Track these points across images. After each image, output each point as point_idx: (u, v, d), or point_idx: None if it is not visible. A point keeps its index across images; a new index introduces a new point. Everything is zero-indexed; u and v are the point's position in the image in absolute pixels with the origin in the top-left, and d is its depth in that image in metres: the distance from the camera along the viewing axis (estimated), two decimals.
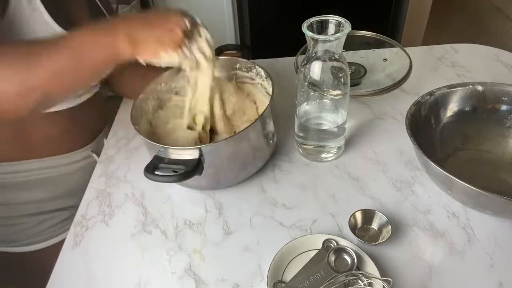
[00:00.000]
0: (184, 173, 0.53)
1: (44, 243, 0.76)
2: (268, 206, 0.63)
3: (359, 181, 0.66)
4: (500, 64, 0.91)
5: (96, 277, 0.56)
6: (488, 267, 0.53)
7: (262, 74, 0.69)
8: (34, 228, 0.75)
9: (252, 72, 0.71)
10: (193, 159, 0.54)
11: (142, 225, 0.62)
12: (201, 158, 0.55)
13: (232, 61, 0.72)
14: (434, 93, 0.66)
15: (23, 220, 0.74)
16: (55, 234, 0.77)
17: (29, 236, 0.75)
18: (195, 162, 0.54)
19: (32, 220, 0.74)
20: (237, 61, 0.71)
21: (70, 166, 0.76)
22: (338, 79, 0.61)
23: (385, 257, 0.54)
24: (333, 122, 0.66)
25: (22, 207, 0.73)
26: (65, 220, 0.77)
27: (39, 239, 0.75)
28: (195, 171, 0.54)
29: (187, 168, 0.54)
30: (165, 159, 0.55)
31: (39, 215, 0.75)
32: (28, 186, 0.72)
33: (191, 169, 0.53)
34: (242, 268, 0.55)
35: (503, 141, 0.67)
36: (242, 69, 0.72)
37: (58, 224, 0.77)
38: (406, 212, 0.60)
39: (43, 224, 0.75)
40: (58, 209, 0.77)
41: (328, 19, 0.58)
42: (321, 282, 0.49)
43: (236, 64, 0.72)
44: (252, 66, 0.70)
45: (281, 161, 0.70)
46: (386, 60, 0.90)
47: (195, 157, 0.54)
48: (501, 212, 0.55)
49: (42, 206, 0.75)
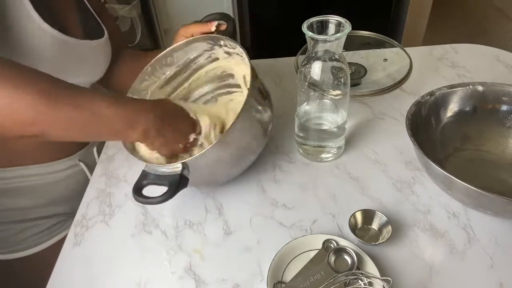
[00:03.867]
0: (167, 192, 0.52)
1: (27, 251, 0.74)
2: (268, 206, 0.63)
3: (359, 181, 0.66)
4: (500, 64, 0.91)
5: (96, 277, 0.56)
6: (488, 267, 0.53)
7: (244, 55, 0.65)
8: (18, 236, 0.73)
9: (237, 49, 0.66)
10: (175, 174, 0.54)
11: (142, 225, 0.62)
12: (184, 172, 0.54)
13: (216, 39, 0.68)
14: (435, 93, 0.66)
15: (7, 227, 0.72)
16: (39, 242, 0.75)
17: (13, 243, 0.73)
18: (177, 177, 0.53)
19: (15, 228, 0.73)
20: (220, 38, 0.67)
21: (56, 174, 0.74)
22: (338, 79, 0.61)
23: (385, 257, 0.54)
24: (333, 122, 0.66)
25: (6, 214, 0.72)
26: (49, 228, 0.76)
27: (22, 247, 0.74)
28: (179, 187, 0.53)
29: (170, 183, 0.53)
30: (150, 175, 0.55)
31: (22, 223, 0.73)
32: (11, 193, 0.71)
33: (175, 185, 0.53)
34: (242, 268, 0.55)
35: (503, 141, 0.67)
36: (228, 46, 0.68)
37: (43, 232, 0.75)
38: (406, 212, 0.60)
39: (26, 232, 0.74)
40: (42, 217, 0.75)
41: (328, 19, 0.58)
42: (321, 282, 0.49)
43: (220, 41, 0.68)
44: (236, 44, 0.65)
45: (281, 161, 0.70)
46: (386, 60, 0.90)
47: (177, 171, 0.54)
48: (501, 212, 0.55)
49: (26, 214, 0.73)
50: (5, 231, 0.73)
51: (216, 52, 0.71)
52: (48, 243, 0.76)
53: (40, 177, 0.72)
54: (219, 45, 0.69)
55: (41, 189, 0.73)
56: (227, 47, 0.68)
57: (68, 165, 0.76)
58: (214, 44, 0.69)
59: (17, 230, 0.73)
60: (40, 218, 0.75)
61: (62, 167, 0.75)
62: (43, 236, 0.76)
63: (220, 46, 0.69)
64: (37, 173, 0.71)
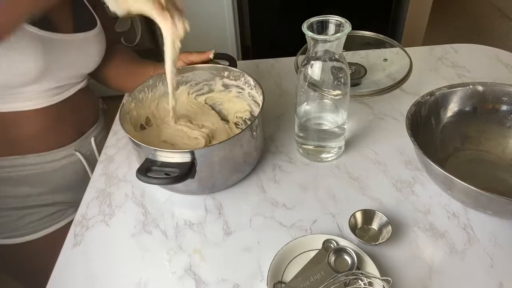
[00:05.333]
0: (177, 176, 0.53)
1: (25, 237, 0.76)
2: (268, 206, 0.63)
3: (359, 181, 0.66)
4: (500, 64, 0.91)
5: (96, 277, 0.56)
6: (488, 267, 0.53)
7: (251, 83, 0.69)
8: (16, 222, 0.75)
9: (240, 80, 0.71)
10: (186, 163, 0.54)
11: (142, 225, 0.62)
12: (194, 162, 0.55)
13: (220, 69, 0.72)
14: (435, 93, 0.66)
15: (6, 213, 0.74)
16: (38, 229, 0.77)
17: (11, 229, 0.75)
18: (188, 165, 0.54)
19: (15, 214, 0.75)
20: (226, 69, 0.71)
21: (53, 163, 0.75)
22: (338, 79, 0.61)
23: (385, 257, 0.54)
24: (333, 122, 0.66)
25: (5, 200, 0.74)
26: (48, 215, 0.78)
27: (21, 233, 0.75)
28: (188, 174, 0.54)
29: (180, 171, 0.54)
30: (157, 162, 0.55)
31: (23, 209, 0.75)
32: (11, 182, 0.73)
33: (185, 172, 0.53)
34: (242, 268, 0.55)
35: (503, 141, 0.67)
36: (230, 78, 0.71)
37: (41, 219, 0.77)
38: (406, 212, 0.60)
39: (26, 218, 0.75)
40: (41, 205, 0.77)
41: (328, 19, 0.58)
42: (321, 282, 0.49)
43: (224, 72, 0.72)
44: (241, 74, 0.70)
45: (281, 161, 0.70)
46: (386, 60, 0.90)
47: (188, 161, 0.55)
48: (501, 212, 0.55)
49: (26, 201, 0.75)
50: (5, 217, 0.74)
51: (214, 83, 0.74)
52: (47, 230, 0.78)
53: (38, 166, 0.74)
54: (220, 76, 0.71)
55: (40, 178, 0.75)
56: (228, 79, 0.71)
57: (64, 155, 0.77)
58: (215, 75, 0.72)
59: (17, 216, 0.75)
60: (39, 206, 0.77)
61: (58, 157, 0.76)
62: (43, 224, 0.77)
63: (221, 78, 0.72)
64: (35, 162, 0.73)
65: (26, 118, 0.69)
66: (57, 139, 0.75)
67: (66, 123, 0.76)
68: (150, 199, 0.66)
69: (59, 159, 0.76)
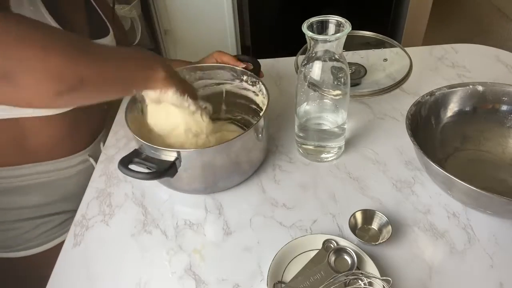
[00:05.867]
0: (155, 173, 0.54)
1: (39, 247, 0.75)
2: (268, 206, 0.63)
3: (359, 181, 0.66)
4: (500, 64, 0.91)
5: (96, 277, 0.56)
6: (488, 267, 0.53)
7: (264, 92, 0.69)
8: (30, 233, 0.74)
9: (256, 86, 0.71)
10: (168, 161, 0.55)
11: (142, 225, 0.62)
12: (176, 162, 0.55)
13: (239, 72, 0.72)
14: (435, 93, 0.66)
15: (19, 224, 0.73)
16: (51, 238, 0.76)
17: (25, 241, 0.74)
18: (168, 164, 0.54)
19: (28, 225, 0.74)
20: (245, 73, 0.72)
21: (67, 170, 0.75)
22: (338, 79, 0.61)
23: (385, 257, 0.54)
24: (333, 122, 0.66)
25: (18, 212, 0.73)
26: (60, 224, 0.77)
27: (35, 244, 0.75)
28: (166, 173, 0.54)
29: (159, 168, 0.54)
30: (142, 155, 0.56)
31: (35, 219, 0.74)
32: (24, 191, 0.72)
33: (163, 170, 0.54)
34: (242, 268, 0.55)
35: (503, 141, 0.67)
36: (248, 82, 0.72)
37: (54, 228, 0.76)
38: (406, 212, 0.60)
39: (39, 228, 0.74)
40: (54, 213, 0.76)
41: (328, 19, 0.58)
42: (321, 282, 0.49)
43: (243, 76, 0.72)
44: (257, 81, 0.70)
45: (281, 161, 0.70)
46: (386, 60, 0.90)
47: (171, 159, 0.55)
48: (501, 212, 0.55)
49: (39, 211, 0.74)
50: (18, 228, 0.73)
51: (233, 84, 0.75)
52: (60, 239, 0.77)
53: (52, 174, 0.73)
54: (240, 79, 0.73)
55: (53, 186, 0.74)
56: (246, 83, 0.72)
57: (80, 160, 0.77)
58: (235, 77, 0.73)
59: (30, 227, 0.74)
60: (52, 215, 0.76)
61: (74, 163, 0.76)
62: (55, 232, 0.77)
63: (240, 81, 0.73)
64: (49, 169, 0.72)
65: (43, 125, 0.68)
66: (73, 145, 0.75)
67: (82, 129, 0.75)
68: (150, 199, 0.66)
69: (73, 166, 0.76)
